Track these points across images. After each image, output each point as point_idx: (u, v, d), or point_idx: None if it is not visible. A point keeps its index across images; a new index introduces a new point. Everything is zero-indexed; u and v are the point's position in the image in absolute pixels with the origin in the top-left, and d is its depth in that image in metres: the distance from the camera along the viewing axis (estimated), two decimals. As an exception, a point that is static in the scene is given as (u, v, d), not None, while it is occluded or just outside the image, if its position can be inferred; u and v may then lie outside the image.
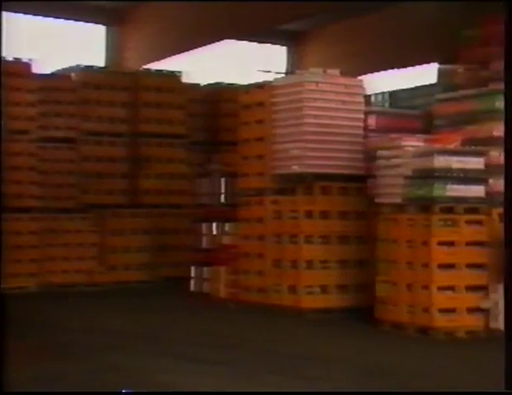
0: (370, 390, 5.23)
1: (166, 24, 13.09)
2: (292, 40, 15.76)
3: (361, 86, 8.81)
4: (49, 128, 10.92)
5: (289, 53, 16.27)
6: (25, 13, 13.36)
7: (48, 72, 11.32)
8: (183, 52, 12.96)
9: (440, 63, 9.97)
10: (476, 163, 7.44)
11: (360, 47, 13.55)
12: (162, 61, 13.19)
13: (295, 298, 8.43)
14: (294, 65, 15.33)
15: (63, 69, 11.56)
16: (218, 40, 12.40)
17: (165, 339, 7.01)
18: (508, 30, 5.15)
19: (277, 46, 16.22)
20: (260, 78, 10.50)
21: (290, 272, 8.53)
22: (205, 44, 12.50)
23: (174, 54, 13.03)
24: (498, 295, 7.29)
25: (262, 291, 8.82)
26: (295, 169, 8.58)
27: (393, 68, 13.70)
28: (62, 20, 14.09)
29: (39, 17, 13.88)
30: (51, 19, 14.01)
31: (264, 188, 9.01)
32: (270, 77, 9.90)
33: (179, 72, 12.02)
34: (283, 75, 14.08)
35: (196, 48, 12.65)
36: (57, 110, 11.00)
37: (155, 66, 12.89)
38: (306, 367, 5.89)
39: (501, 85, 8.07)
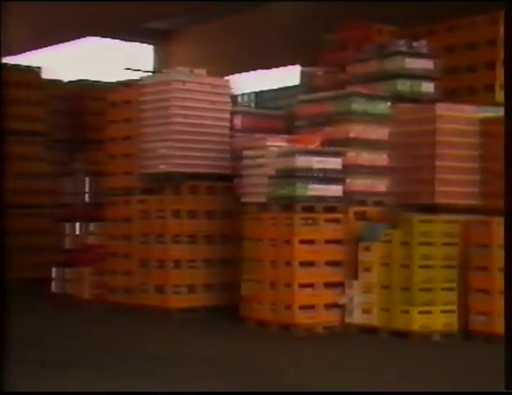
0: (234, 388, 5.23)
1: (27, 16, 12.60)
2: (159, 39, 15.66)
3: (228, 86, 8.88)
4: None
5: (156, 51, 16.15)
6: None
7: None
8: (42, 47, 12.56)
9: (303, 65, 10.27)
10: (334, 163, 7.66)
11: (227, 47, 13.69)
12: (20, 56, 12.70)
13: (162, 298, 8.38)
14: (161, 64, 15.23)
15: None
16: (80, 37, 12.12)
17: (22, 343, 6.70)
18: (508, 31, 5.14)
19: (144, 44, 16.06)
20: (127, 76, 10.38)
21: (158, 272, 8.47)
22: (66, 40, 12.18)
23: (33, 49, 12.59)
24: (353, 291, 7.55)
25: (129, 292, 8.71)
26: (163, 168, 8.52)
27: (259, 69, 13.96)
28: None
29: None
30: None
31: (131, 187, 8.90)
32: (137, 76, 9.80)
33: (39, 67, 11.67)
34: (150, 74, 14.01)
35: (56, 43, 12.29)
36: None
37: (12, 60, 12.39)
38: (172, 367, 5.82)
39: (357, 88, 8.46)
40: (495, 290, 6.95)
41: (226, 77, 9.27)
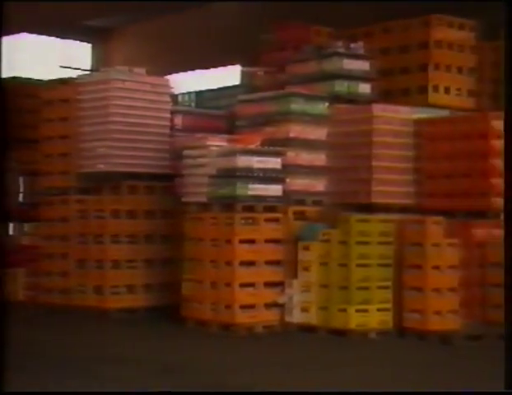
0: (172, 388, 5.21)
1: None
2: (98, 37, 15.40)
3: (168, 86, 8.86)
4: None
5: (94, 50, 15.86)
6: None
7: None
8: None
9: (243, 65, 10.31)
10: (274, 163, 7.73)
11: (168, 47, 13.60)
12: None
13: (100, 298, 8.29)
14: (99, 63, 14.99)
15: None
16: (14, 33, 11.79)
17: None
18: (508, 31, 5.20)
19: (81, 43, 15.74)
20: (63, 74, 10.17)
21: (96, 273, 8.38)
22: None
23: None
24: (292, 291, 7.64)
25: (66, 293, 8.58)
26: (102, 167, 8.43)
27: (200, 69, 13.92)
28: None
29: None
30: None
31: (68, 187, 8.77)
32: (74, 74, 9.63)
33: None
34: (88, 72, 13.76)
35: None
36: None
37: None
38: (108, 368, 5.76)
39: (296, 88, 8.56)
40: (428, 288, 7.15)
41: (166, 77, 9.23)
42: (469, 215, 7.94)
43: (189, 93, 10.70)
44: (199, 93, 10.64)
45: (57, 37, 14.95)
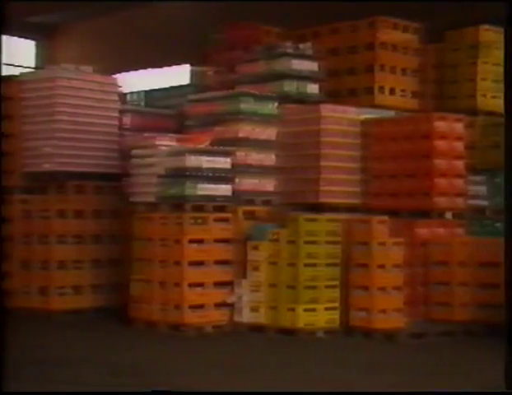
0: (119, 389, 5.19)
1: None
2: (42, 34, 15.05)
3: (116, 85, 8.77)
4: None
5: (38, 47, 15.51)
6: None
7: None
8: None
9: (193, 65, 10.28)
10: (224, 162, 7.75)
11: (116, 45, 13.44)
12: None
13: (45, 300, 8.15)
14: (44, 60, 14.67)
15: None
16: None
17: None
18: (508, 31, 5.17)
19: (25, 39, 15.36)
20: (7, 72, 9.91)
21: (41, 274, 8.22)
22: None
23: None
24: (242, 290, 7.67)
25: (9, 294, 8.33)
26: (47, 167, 8.28)
27: (149, 68, 13.80)
28: None
29: None
30: None
31: (13, 186, 8.53)
32: (18, 71, 9.43)
33: None
34: (32, 70, 13.47)
35: None
36: None
37: None
38: (55, 371, 5.67)
39: (246, 88, 8.59)
40: (374, 287, 7.29)
41: (115, 75, 9.11)
42: (413, 214, 8.13)
43: (138, 92, 10.60)
44: (148, 92, 10.55)
45: (-1, 34, 14.54)
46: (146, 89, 10.78)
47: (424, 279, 7.84)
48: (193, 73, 10.09)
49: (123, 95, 9.36)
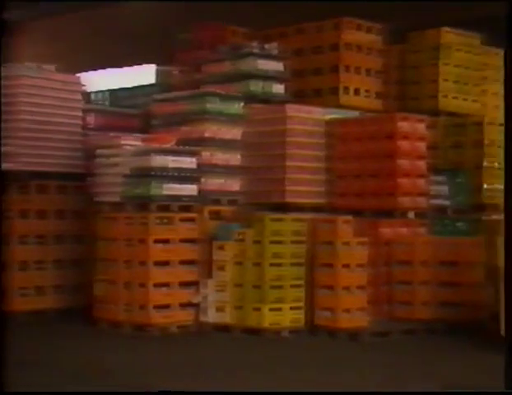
0: (79, 390, 5.16)
1: None
2: (3, 32, 14.77)
3: (80, 84, 8.67)
4: None
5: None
6: None
7: None
8: None
9: (159, 64, 10.22)
10: (189, 162, 7.73)
11: (81, 43, 13.28)
12: None
13: (5, 301, 7.92)
14: (6, 58, 14.39)
15: None
16: None
17: None
18: (508, 31, 5.25)
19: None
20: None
21: (2, 274, 7.97)
22: None
23: None
24: (207, 290, 7.67)
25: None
26: (9, 166, 8.11)
27: (114, 67, 13.67)
28: None
29: None
30: None
31: (-27, 186, 8.44)
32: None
33: None
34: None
35: None
36: None
37: None
38: (14, 374, 5.57)
39: (212, 88, 8.59)
40: (339, 286, 7.36)
41: (78, 74, 9.01)
42: (377, 214, 8.24)
43: (103, 92, 10.50)
44: (113, 92, 10.47)
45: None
46: (111, 88, 10.70)
47: (387, 278, 7.93)
48: (158, 73, 10.03)
49: (87, 95, 9.27)
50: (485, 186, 9.35)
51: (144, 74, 12.08)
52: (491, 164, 9.46)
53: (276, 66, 8.96)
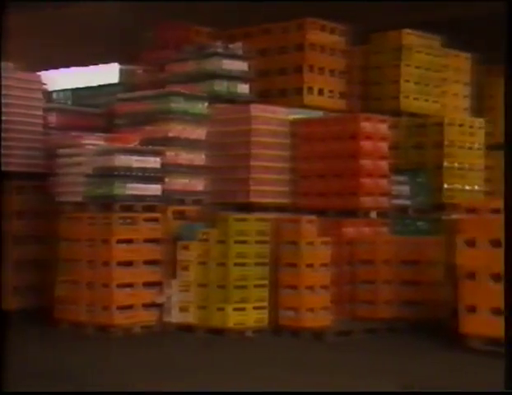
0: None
1: None
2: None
3: (40, 82, 8.54)
4: None
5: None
6: None
7: None
8: None
9: (122, 63, 10.14)
10: (153, 162, 7.69)
11: (42, 42, 13.07)
12: None
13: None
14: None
15: None
16: None
17: None
18: (508, 31, 5.34)
19: None
20: None
21: (-38, 276, 7.96)
22: None
23: None
24: (171, 290, 7.65)
25: None
26: (-33, 165, 8.00)
27: (77, 66, 13.50)
28: None
29: None
30: None
31: None
32: None
33: None
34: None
35: None
36: None
37: None
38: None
39: (176, 88, 8.56)
40: (302, 286, 7.39)
41: (39, 73, 8.87)
42: (340, 213, 8.33)
43: (65, 90, 10.36)
44: (76, 91, 10.33)
45: None
46: (74, 87, 10.56)
47: (350, 277, 8.01)
48: (122, 72, 9.95)
49: (48, 93, 9.13)
50: (445, 186, 9.54)
51: (107, 73, 11.98)
52: (451, 164, 9.65)
53: (240, 66, 8.98)
